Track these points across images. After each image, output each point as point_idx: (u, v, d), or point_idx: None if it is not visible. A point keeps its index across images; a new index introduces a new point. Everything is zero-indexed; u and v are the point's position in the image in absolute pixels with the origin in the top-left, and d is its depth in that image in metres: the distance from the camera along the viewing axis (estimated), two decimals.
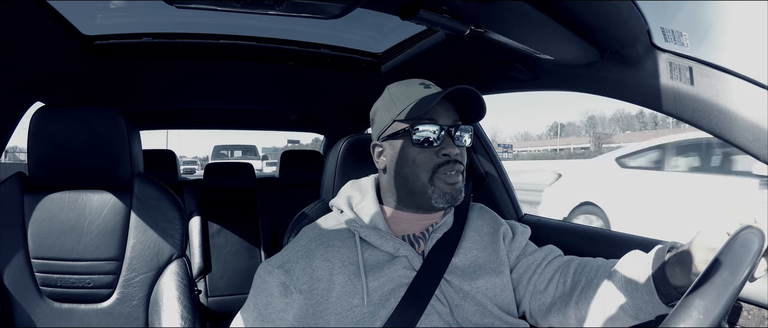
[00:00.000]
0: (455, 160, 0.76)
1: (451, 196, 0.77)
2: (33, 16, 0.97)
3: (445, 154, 0.76)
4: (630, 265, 0.68)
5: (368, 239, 0.76)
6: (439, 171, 0.76)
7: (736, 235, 0.48)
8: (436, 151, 0.76)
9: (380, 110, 0.83)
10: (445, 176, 0.76)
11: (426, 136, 0.75)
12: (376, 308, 0.72)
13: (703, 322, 0.43)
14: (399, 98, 0.80)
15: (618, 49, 0.82)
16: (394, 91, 0.82)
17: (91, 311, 1.04)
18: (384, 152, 0.82)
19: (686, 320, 0.44)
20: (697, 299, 0.45)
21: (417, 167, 0.76)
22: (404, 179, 0.78)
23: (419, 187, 0.77)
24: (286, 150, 2.52)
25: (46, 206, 1.06)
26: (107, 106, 1.06)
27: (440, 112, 0.77)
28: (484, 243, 0.82)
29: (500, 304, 0.78)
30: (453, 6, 0.76)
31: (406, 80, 0.84)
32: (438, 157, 0.76)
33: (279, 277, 0.74)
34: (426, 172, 0.76)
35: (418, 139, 0.75)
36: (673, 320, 0.45)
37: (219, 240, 2.22)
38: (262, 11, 0.76)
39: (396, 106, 0.79)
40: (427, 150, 0.76)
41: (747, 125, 0.69)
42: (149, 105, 1.96)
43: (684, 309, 0.45)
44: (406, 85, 0.82)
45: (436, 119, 0.76)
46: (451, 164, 0.76)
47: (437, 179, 0.76)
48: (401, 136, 0.78)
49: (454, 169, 0.76)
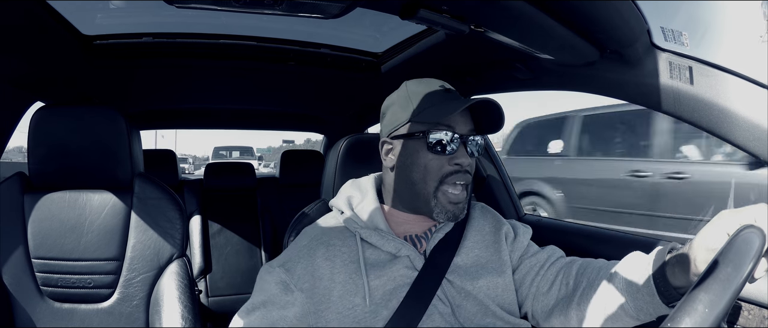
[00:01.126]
0: (466, 170, 0.76)
1: (453, 214, 0.76)
2: (33, 16, 0.97)
3: (457, 163, 0.75)
4: (630, 266, 0.68)
5: (369, 239, 0.76)
6: (446, 181, 0.75)
7: (736, 234, 0.48)
8: (449, 160, 0.75)
9: (395, 106, 0.81)
10: (450, 192, 0.75)
11: (443, 143, 0.74)
12: (377, 308, 0.72)
13: (708, 315, 0.43)
14: (416, 97, 0.78)
15: (618, 48, 0.82)
16: (413, 90, 0.79)
17: (92, 311, 1.04)
18: (393, 151, 0.80)
19: (692, 314, 0.44)
20: (702, 293, 0.45)
21: (427, 173, 0.75)
22: (412, 182, 0.77)
23: (424, 195, 0.76)
24: (286, 150, 2.53)
25: (46, 205, 1.06)
26: (107, 106, 1.06)
27: (458, 120, 0.76)
28: (486, 243, 0.82)
29: (502, 304, 0.78)
30: (453, 6, 0.76)
31: (425, 79, 0.81)
32: (450, 165, 0.75)
33: (280, 276, 0.74)
34: (434, 180, 0.75)
35: (435, 145, 0.74)
36: (679, 315, 0.45)
37: (219, 240, 2.22)
38: (262, 11, 0.76)
39: (412, 105, 0.77)
40: (440, 157, 0.75)
41: (747, 125, 0.69)
42: (149, 105, 1.96)
43: (689, 303, 0.45)
44: (425, 84, 0.80)
45: (454, 127, 0.75)
46: (461, 173, 0.75)
47: (441, 192, 0.75)
48: (415, 138, 0.76)
49: (463, 179, 0.76)
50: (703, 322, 0.43)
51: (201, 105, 2.05)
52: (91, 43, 1.29)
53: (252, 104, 2.06)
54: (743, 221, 0.50)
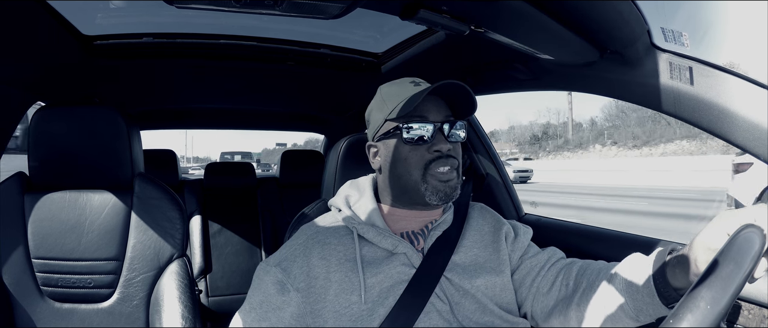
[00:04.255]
0: (448, 155, 0.77)
1: (445, 193, 0.77)
2: (33, 16, 0.97)
3: (436, 150, 0.76)
4: (630, 266, 0.68)
5: (366, 235, 0.76)
6: (430, 167, 0.76)
7: (736, 234, 0.48)
8: (428, 148, 0.76)
9: (374, 111, 0.84)
10: (437, 172, 0.76)
11: (417, 134, 0.76)
12: (374, 305, 0.72)
13: (711, 311, 0.43)
14: (390, 98, 0.80)
15: (618, 49, 0.82)
16: (386, 91, 0.83)
17: (92, 311, 1.04)
18: (378, 152, 0.82)
19: (694, 311, 0.44)
20: (705, 290, 0.45)
21: (408, 165, 0.77)
22: (397, 177, 0.79)
23: (412, 184, 0.77)
24: (286, 150, 2.53)
25: (46, 205, 1.06)
26: (107, 106, 1.06)
27: (430, 109, 0.77)
28: (484, 243, 0.82)
29: (500, 303, 0.78)
30: (453, 6, 0.76)
31: (397, 80, 0.84)
32: (429, 153, 0.76)
33: (276, 275, 0.74)
34: (418, 169, 0.76)
35: (410, 137, 0.76)
36: (681, 311, 0.45)
37: (220, 240, 2.22)
38: (262, 11, 0.76)
39: (387, 105, 0.80)
40: (418, 147, 0.76)
41: (747, 125, 0.69)
42: (149, 105, 1.96)
43: (692, 300, 0.45)
44: (397, 84, 0.83)
45: (427, 116, 0.77)
46: (444, 159, 0.76)
47: (429, 175, 0.76)
48: (393, 135, 0.78)
49: (448, 164, 0.76)
50: (705, 319, 0.43)
51: (201, 105, 2.06)
52: (91, 43, 1.29)
53: (252, 105, 2.07)
54: (743, 220, 0.50)
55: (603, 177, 16.76)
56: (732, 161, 5.44)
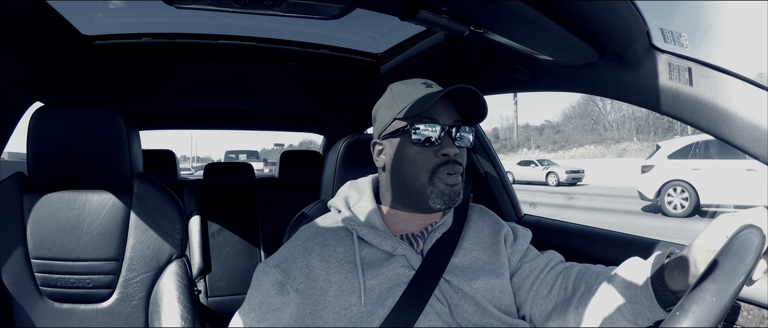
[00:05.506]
0: (455, 160, 0.76)
1: (449, 197, 0.76)
2: (33, 16, 0.97)
3: (444, 154, 0.75)
4: (629, 270, 0.68)
5: (366, 237, 0.76)
6: (438, 171, 0.76)
7: (735, 235, 0.48)
8: (436, 151, 0.76)
9: (382, 108, 0.83)
10: (444, 176, 0.76)
11: (425, 135, 0.75)
12: (373, 307, 0.71)
13: (715, 306, 0.43)
14: (400, 97, 0.80)
15: (617, 49, 0.82)
16: (396, 90, 0.82)
17: (91, 311, 1.04)
18: (384, 150, 0.82)
19: (700, 303, 0.44)
20: (708, 283, 0.45)
21: (416, 167, 0.76)
22: (402, 178, 0.78)
23: (417, 187, 0.77)
24: (286, 150, 2.53)
25: (45, 205, 1.06)
26: (107, 106, 1.06)
27: (441, 112, 0.77)
28: (484, 245, 0.82)
29: (499, 305, 0.78)
30: (452, 6, 0.76)
31: (409, 80, 0.83)
32: (437, 157, 0.76)
33: (276, 276, 0.74)
34: (425, 172, 0.76)
35: (418, 138, 0.75)
36: (686, 304, 0.45)
37: (219, 240, 2.22)
38: (261, 11, 0.76)
39: (397, 104, 0.79)
40: (426, 150, 0.76)
41: (746, 126, 0.69)
42: (149, 105, 1.96)
43: (697, 293, 0.45)
44: (408, 84, 0.82)
45: (437, 119, 0.76)
46: (451, 164, 0.76)
47: (436, 179, 0.76)
48: (400, 135, 0.78)
49: (454, 169, 0.76)
50: (711, 311, 0.43)
51: (200, 105, 2.06)
52: (91, 43, 1.29)
53: (251, 105, 2.06)
54: (742, 222, 0.50)
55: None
56: (641, 164, 7.68)
